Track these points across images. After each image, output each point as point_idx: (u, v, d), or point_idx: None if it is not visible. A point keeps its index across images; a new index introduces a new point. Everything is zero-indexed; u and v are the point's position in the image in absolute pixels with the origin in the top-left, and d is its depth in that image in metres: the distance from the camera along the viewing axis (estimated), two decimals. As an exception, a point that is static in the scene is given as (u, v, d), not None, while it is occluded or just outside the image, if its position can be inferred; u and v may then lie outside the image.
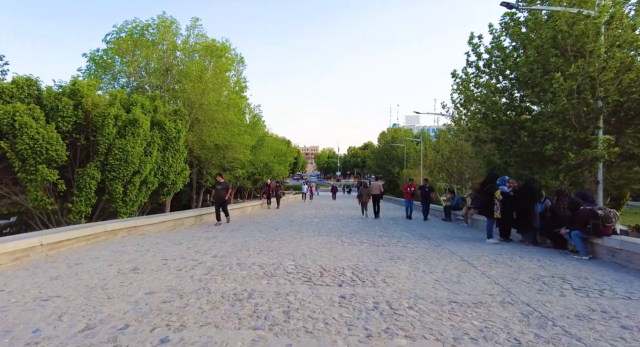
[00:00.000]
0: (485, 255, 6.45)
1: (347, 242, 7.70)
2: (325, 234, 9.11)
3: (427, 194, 13.88)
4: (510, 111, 10.91)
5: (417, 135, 44.08)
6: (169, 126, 14.66)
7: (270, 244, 7.29)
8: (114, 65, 17.48)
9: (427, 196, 13.80)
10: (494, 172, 8.13)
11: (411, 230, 10.49)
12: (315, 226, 11.03)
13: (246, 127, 21.87)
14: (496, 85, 10.86)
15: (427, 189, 14.02)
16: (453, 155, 19.73)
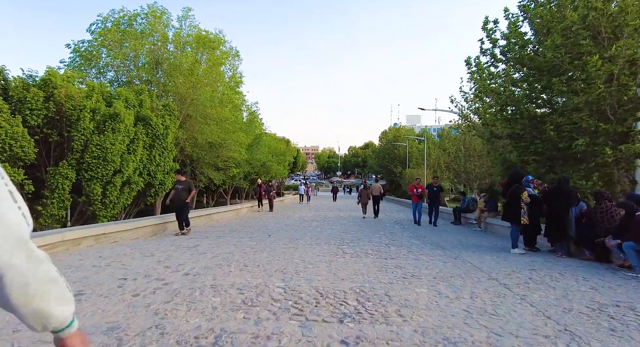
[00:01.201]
0: (517, 271, 5.34)
1: (350, 253, 6.59)
2: (323, 242, 8.00)
3: (437, 195, 12.13)
4: (530, 104, 9.78)
5: (420, 134, 42.97)
6: (156, 122, 13.58)
7: (259, 256, 6.18)
8: (100, 58, 16.39)
9: (436, 197, 12.12)
10: (519, 171, 7.01)
11: (420, 236, 9.38)
12: (313, 232, 9.92)
13: (241, 125, 20.74)
14: (513, 76, 9.73)
15: (435, 189, 12.10)
16: (460, 153, 18.61)
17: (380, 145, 50.63)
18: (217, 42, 18.42)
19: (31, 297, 0.78)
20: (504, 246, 7.85)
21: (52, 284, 0.83)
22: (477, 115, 13.42)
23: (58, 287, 0.85)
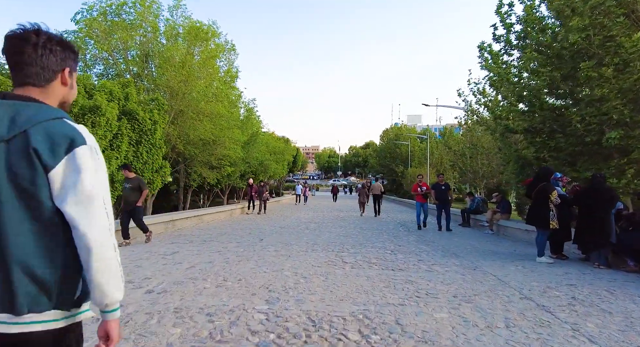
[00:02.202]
0: (553, 287, 4.42)
1: (350, 262, 5.67)
2: (321, 248, 7.08)
3: (445, 194, 10.59)
4: (549, 95, 8.87)
5: (422, 133, 42.04)
6: (143, 116, 12.66)
7: (243, 267, 5.26)
8: (87, 50, 15.47)
9: (445, 197, 10.56)
10: (548, 168, 6.08)
11: (428, 241, 8.46)
12: (310, 235, 9.00)
13: (237, 121, 19.79)
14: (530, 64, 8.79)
15: (443, 188, 10.66)
16: (467, 151, 17.68)
17: (382, 144, 49.65)
18: (212, 33, 17.49)
19: (102, 273, 1.03)
20: (525, 253, 6.93)
21: (115, 270, 1.07)
22: (488, 109, 12.49)
23: (117, 274, 1.08)
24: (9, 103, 1.04)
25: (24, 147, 0.99)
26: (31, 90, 1.08)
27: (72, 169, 1.02)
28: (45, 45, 1.08)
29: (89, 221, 1.02)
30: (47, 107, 1.06)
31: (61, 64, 1.12)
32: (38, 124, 1.01)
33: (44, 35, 1.08)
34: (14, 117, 1.01)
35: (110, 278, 1.06)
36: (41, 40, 1.07)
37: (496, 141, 13.10)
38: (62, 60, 1.12)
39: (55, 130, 1.02)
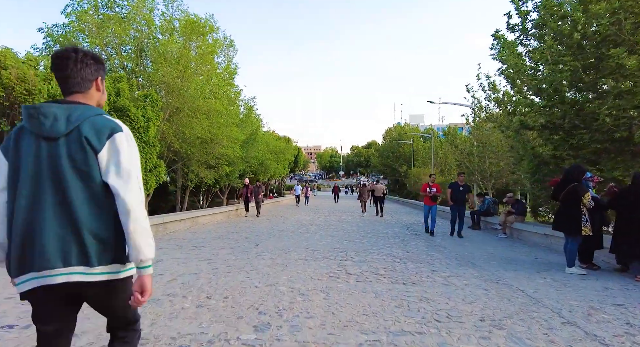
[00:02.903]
0: (596, 306, 3.73)
1: (355, 273, 4.99)
2: (322, 255, 6.41)
3: (463, 196, 9.23)
4: (570, 87, 8.16)
5: (427, 131, 41.29)
6: (135, 113, 12.02)
7: (232, 279, 4.59)
8: (79, 45, 14.83)
9: (462, 199, 9.23)
10: (580, 166, 5.38)
11: (439, 247, 7.77)
12: (310, 240, 8.33)
13: (235, 119, 19.12)
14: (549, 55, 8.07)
15: (462, 189, 9.27)
16: (475, 149, 16.95)
17: (384, 143, 48.88)
18: (209, 28, 16.84)
19: (137, 233, 1.33)
20: (548, 261, 6.24)
21: (147, 232, 1.38)
22: (499, 105, 11.77)
23: (149, 235, 1.39)
24: (64, 106, 1.38)
25: (78, 138, 1.34)
26: (76, 96, 1.44)
27: (113, 151, 1.37)
28: (82, 60, 1.42)
29: (127, 190, 1.35)
30: (90, 107, 1.42)
31: (95, 74, 1.47)
32: (86, 120, 1.37)
33: (81, 52, 1.43)
34: (68, 116, 1.36)
35: (143, 238, 1.36)
36: (79, 57, 1.42)
37: (507, 139, 12.38)
38: (95, 71, 1.47)
39: (99, 122, 1.38)
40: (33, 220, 1.31)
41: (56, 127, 1.33)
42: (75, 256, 1.31)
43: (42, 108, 1.35)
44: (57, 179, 1.33)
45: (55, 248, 1.30)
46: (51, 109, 1.35)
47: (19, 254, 1.32)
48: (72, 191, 1.32)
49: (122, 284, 1.41)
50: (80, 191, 1.33)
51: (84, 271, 1.32)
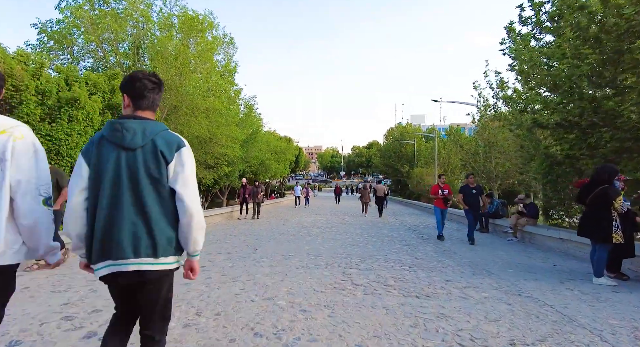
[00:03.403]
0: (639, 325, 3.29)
1: (362, 284, 4.54)
2: (324, 262, 5.96)
3: (477, 199, 8.57)
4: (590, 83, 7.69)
5: (429, 131, 40.81)
6: (131, 111, 11.62)
7: (226, 291, 4.15)
8: (74, 42, 14.42)
9: (477, 202, 8.56)
10: (612, 166, 4.91)
11: (449, 252, 7.32)
12: (312, 244, 7.89)
13: (234, 118, 18.68)
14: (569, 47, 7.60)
15: (474, 191, 8.53)
16: (480, 149, 16.49)
17: (386, 143, 48.36)
18: (208, 24, 16.42)
19: (196, 231, 1.65)
20: (570, 269, 5.79)
21: (203, 230, 1.71)
22: (509, 102, 11.31)
23: (203, 232, 1.72)
24: (139, 122, 1.66)
25: (153, 149, 1.62)
26: (147, 113, 1.74)
27: (180, 162, 1.65)
28: (155, 84, 1.76)
29: (190, 196, 1.63)
30: (158, 123, 1.72)
31: (160, 98, 1.82)
32: (158, 134, 1.66)
33: (154, 77, 1.77)
34: (143, 131, 1.64)
35: (199, 235, 1.69)
36: (159, 84, 1.79)
37: (517, 138, 11.91)
38: (159, 94, 1.80)
39: (169, 137, 1.68)
40: (112, 217, 1.57)
41: (135, 140, 1.60)
42: (144, 248, 1.57)
43: (125, 123, 1.62)
44: (134, 184, 1.59)
45: (129, 242, 1.55)
46: (132, 125, 1.62)
47: (100, 245, 1.57)
48: (145, 194, 1.58)
49: (171, 274, 1.71)
50: (152, 194, 1.59)
51: (151, 262, 1.59)
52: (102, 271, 1.59)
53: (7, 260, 1.54)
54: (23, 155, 1.56)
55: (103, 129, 1.67)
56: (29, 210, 1.56)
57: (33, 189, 1.58)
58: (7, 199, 1.52)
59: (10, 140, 1.54)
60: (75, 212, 1.62)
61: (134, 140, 1.61)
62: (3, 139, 1.53)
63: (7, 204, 1.52)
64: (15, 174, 1.53)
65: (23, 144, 1.57)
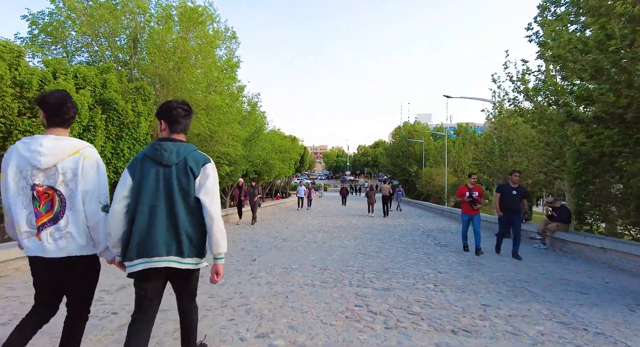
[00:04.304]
0: None
1: (381, 312, 3.66)
2: (333, 278, 5.09)
3: (517, 204, 6.91)
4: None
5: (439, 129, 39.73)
6: (124, 107, 10.84)
7: (212, 322, 3.29)
8: (67, 35, 13.68)
9: (517, 207, 6.92)
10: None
11: (475, 263, 6.40)
12: (318, 252, 7.02)
13: (236, 115, 17.84)
14: (617, 28, 6.61)
15: (515, 193, 6.88)
16: (497, 147, 15.47)
17: (393, 142, 47.28)
18: (208, 16, 15.62)
19: (218, 234, 1.95)
20: (627, 287, 4.86)
21: (224, 234, 2.00)
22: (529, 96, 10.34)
23: (225, 236, 2.01)
24: (174, 144, 2.01)
25: (184, 167, 1.97)
26: (180, 136, 2.10)
27: (204, 176, 1.99)
28: (187, 111, 2.12)
29: (213, 204, 1.97)
30: (190, 145, 2.06)
31: (189, 122, 2.15)
32: (189, 154, 2.00)
33: (186, 105, 2.13)
34: (177, 151, 1.98)
35: (221, 238, 1.98)
36: (190, 111, 2.14)
37: (541, 134, 10.93)
38: (189, 119, 2.14)
39: (197, 156, 2.04)
40: (150, 222, 1.90)
41: (171, 158, 1.97)
42: (174, 249, 1.91)
43: (163, 145, 2.00)
44: (168, 194, 1.94)
45: (162, 243, 1.89)
46: (169, 146, 1.99)
47: (137, 245, 1.88)
48: (177, 204, 1.93)
49: (197, 272, 2.10)
50: (182, 204, 1.95)
51: (178, 260, 1.92)
52: (138, 267, 1.88)
53: (88, 251, 1.99)
54: (89, 171, 1.96)
55: (146, 148, 2.03)
56: (92, 214, 1.96)
57: (95, 198, 1.97)
58: (82, 204, 1.95)
59: (82, 159, 1.95)
60: (117, 216, 1.92)
61: (170, 159, 1.95)
62: (76, 158, 1.94)
63: (82, 208, 1.95)
64: (83, 186, 1.94)
65: (89, 162, 1.97)
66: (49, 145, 1.90)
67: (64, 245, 1.91)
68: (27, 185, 1.91)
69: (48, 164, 1.90)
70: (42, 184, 1.91)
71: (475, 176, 7.62)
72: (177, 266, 1.92)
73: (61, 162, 1.92)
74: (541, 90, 9.16)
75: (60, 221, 1.92)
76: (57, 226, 1.92)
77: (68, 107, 2.02)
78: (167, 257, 1.89)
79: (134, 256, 1.87)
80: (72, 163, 1.94)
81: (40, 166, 1.89)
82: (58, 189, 1.93)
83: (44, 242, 1.89)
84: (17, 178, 1.91)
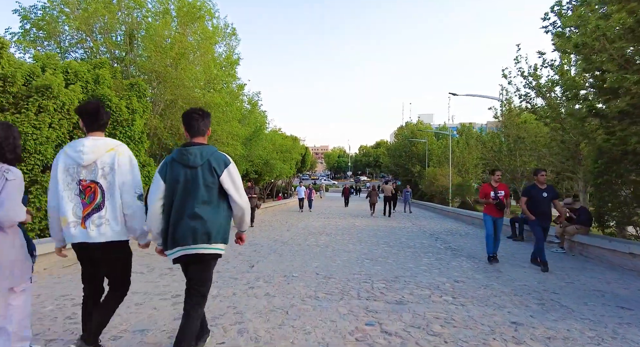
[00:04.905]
0: None
1: (397, 332, 3.14)
2: (338, 288, 4.58)
3: (548, 207, 6.03)
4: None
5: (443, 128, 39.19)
6: (117, 104, 10.34)
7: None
8: (58, 28, 13.19)
9: (548, 211, 6.06)
10: None
11: (492, 270, 5.88)
12: (321, 258, 6.51)
13: (235, 113, 17.34)
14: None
15: (545, 195, 5.96)
16: (504, 146, 14.96)
17: (396, 142, 46.71)
18: (207, 11, 15.14)
19: (245, 219, 2.45)
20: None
21: (249, 218, 2.50)
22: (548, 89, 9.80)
23: (249, 217, 2.49)
24: (197, 147, 2.31)
25: (209, 167, 2.27)
26: (200, 139, 2.40)
27: (230, 175, 2.31)
28: (204, 116, 2.42)
29: (240, 197, 2.33)
30: (210, 146, 2.37)
31: (205, 124, 2.44)
32: (211, 155, 2.30)
33: (199, 111, 2.43)
34: (201, 154, 2.28)
35: (246, 221, 2.48)
36: (203, 115, 2.42)
37: (554, 132, 10.39)
38: (204, 122, 2.43)
39: (219, 157, 2.33)
40: (180, 216, 2.23)
41: (196, 161, 2.27)
42: (201, 237, 2.22)
43: (189, 149, 2.29)
44: (196, 192, 2.24)
45: (192, 233, 2.20)
46: (193, 150, 2.29)
47: (172, 236, 2.23)
48: (204, 200, 2.25)
49: (218, 257, 2.40)
50: (208, 199, 2.26)
51: (206, 247, 2.24)
52: (175, 254, 2.27)
53: (123, 236, 2.33)
54: (124, 165, 2.32)
55: (173, 153, 2.37)
56: (129, 203, 2.32)
57: (131, 189, 2.33)
58: (119, 195, 2.30)
59: (117, 155, 2.31)
60: (155, 214, 2.31)
61: (196, 161, 2.27)
62: (112, 154, 2.31)
63: (119, 199, 2.30)
64: (120, 178, 2.30)
65: (123, 158, 2.34)
66: (89, 144, 2.26)
67: (104, 231, 2.24)
68: (72, 181, 2.27)
69: (89, 160, 2.25)
70: (86, 178, 2.26)
71: (499, 173, 6.58)
72: (205, 251, 2.23)
73: (100, 159, 2.27)
74: (558, 83, 8.61)
75: (102, 209, 2.26)
76: (99, 213, 2.25)
77: (101, 114, 2.39)
78: (197, 245, 2.21)
79: (171, 245, 2.24)
80: (109, 158, 2.28)
81: (83, 163, 2.24)
82: (99, 181, 2.27)
83: (88, 229, 2.23)
84: (64, 175, 2.27)
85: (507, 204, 6.50)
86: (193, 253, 2.22)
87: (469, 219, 14.89)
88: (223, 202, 2.32)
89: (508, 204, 6.62)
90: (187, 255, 2.23)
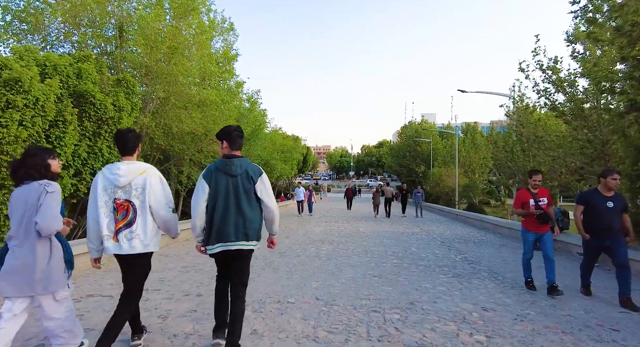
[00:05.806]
0: None
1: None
2: (344, 323, 3.71)
3: (614, 220, 4.42)
4: None
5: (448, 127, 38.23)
6: (102, 100, 9.53)
7: None
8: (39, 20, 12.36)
9: (614, 225, 4.42)
10: None
11: (520, 291, 5.00)
12: (322, 276, 5.64)
13: (232, 111, 16.50)
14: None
15: (611, 204, 4.43)
16: (518, 146, 14.05)
17: (399, 142, 45.74)
18: (201, 3, 14.31)
19: (276, 222, 2.92)
20: None
21: (278, 222, 2.97)
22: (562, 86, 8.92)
23: (278, 221, 2.97)
24: (238, 159, 2.78)
25: (247, 176, 2.74)
26: (238, 152, 2.85)
27: (263, 184, 2.78)
28: (239, 132, 2.87)
29: (272, 202, 2.80)
30: (246, 159, 2.83)
31: (242, 141, 2.93)
32: (248, 166, 2.78)
33: (240, 130, 2.89)
34: (240, 165, 2.75)
35: (277, 224, 2.93)
36: (238, 131, 2.86)
37: (577, 130, 9.49)
38: (242, 139, 2.93)
39: (254, 168, 2.80)
40: (223, 217, 2.66)
41: (237, 170, 2.72)
42: (241, 235, 2.67)
43: (232, 161, 2.74)
44: (236, 197, 2.69)
45: (233, 232, 2.65)
46: (235, 161, 2.74)
47: (216, 234, 2.66)
48: (243, 203, 2.69)
49: (253, 252, 2.85)
50: (247, 202, 2.71)
51: (245, 243, 2.70)
52: (217, 249, 2.69)
53: (152, 249, 2.69)
54: (155, 186, 2.72)
55: (216, 163, 2.79)
56: (165, 217, 2.76)
57: (165, 205, 2.76)
58: (150, 212, 2.69)
59: (148, 177, 2.70)
60: (201, 214, 2.73)
61: (236, 171, 2.72)
62: (144, 177, 2.69)
63: (150, 215, 2.70)
64: (153, 198, 2.69)
65: (154, 179, 2.74)
66: (124, 168, 2.67)
67: (135, 244, 2.61)
68: (109, 199, 2.64)
69: (125, 182, 2.65)
70: (121, 197, 2.65)
71: (539, 176, 4.95)
72: (244, 247, 2.70)
73: (134, 180, 2.68)
74: (588, 74, 7.72)
75: (133, 225, 2.63)
76: (131, 228, 2.63)
77: (128, 138, 2.77)
78: (237, 242, 2.67)
79: (213, 241, 2.68)
80: (141, 180, 2.69)
81: (119, 185, 2.64)
82: (132, 201, 2.66)
83: (120, 243, 2.61)
84: (103, 194, 2.64)
85: (552, 217, 4.94)
86: (234, 249, 2.68)
87: (480, 223, 14.01)
88: (257, 206, 2.79)
89: (553, 214, 5.14)
90: (228, 250, 2.68)
